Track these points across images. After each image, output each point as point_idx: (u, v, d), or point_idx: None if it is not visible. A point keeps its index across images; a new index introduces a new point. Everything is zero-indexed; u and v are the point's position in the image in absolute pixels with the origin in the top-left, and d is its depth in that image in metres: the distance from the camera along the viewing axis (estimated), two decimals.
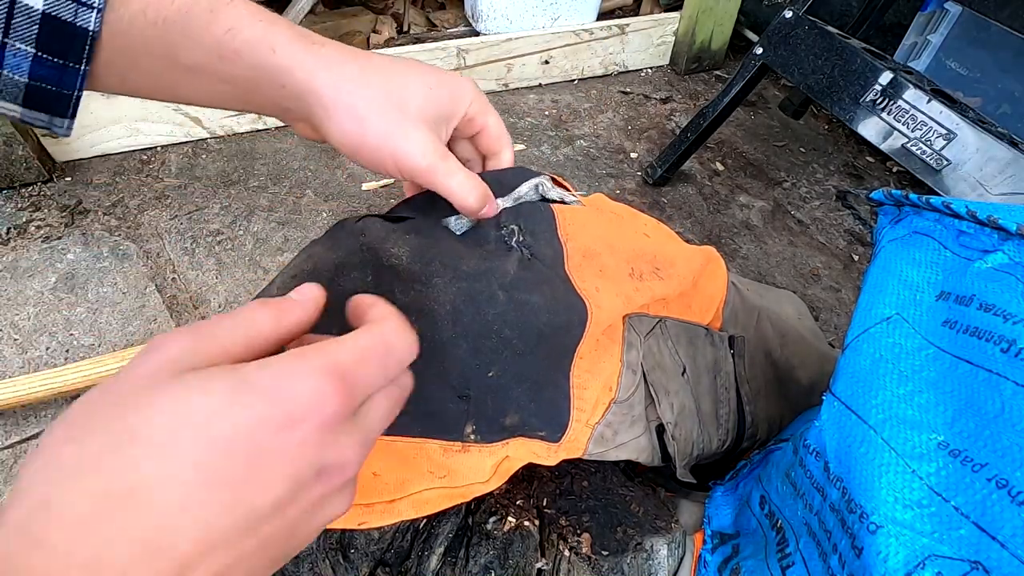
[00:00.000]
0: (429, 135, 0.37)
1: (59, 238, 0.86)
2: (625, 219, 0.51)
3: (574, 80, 1.31)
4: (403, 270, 0.39)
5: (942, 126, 0.66)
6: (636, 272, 0.47)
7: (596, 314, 0.42)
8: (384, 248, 0.39)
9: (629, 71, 1.35)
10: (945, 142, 0.66)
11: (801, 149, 1.18)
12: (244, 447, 0.19)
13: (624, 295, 0.45)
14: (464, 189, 0.38)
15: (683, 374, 0.48)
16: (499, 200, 0.43)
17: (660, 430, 0.45)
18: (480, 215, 0.41)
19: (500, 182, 0.44)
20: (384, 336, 0.25)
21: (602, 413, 0.43)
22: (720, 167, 1.12)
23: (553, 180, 0.47)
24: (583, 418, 0.42)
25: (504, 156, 0.46)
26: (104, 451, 0.18)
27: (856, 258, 0.97)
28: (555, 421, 0.41)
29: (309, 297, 0.26)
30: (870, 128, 0.73)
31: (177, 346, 0.20)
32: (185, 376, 0.20)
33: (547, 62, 1.25)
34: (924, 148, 0.68)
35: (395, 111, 0.36)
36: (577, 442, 0.42)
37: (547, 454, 0.41)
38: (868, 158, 1.17)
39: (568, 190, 0.48)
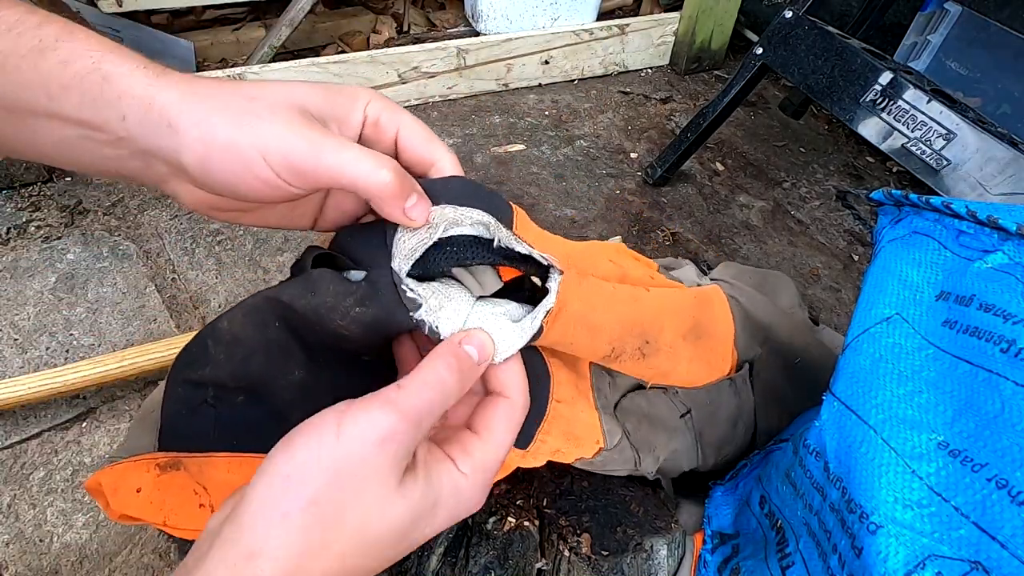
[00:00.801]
0: (301, 117, 0.28)
1: (59, 238, 0.86)
2: (606, 284, 0.41)
3: (574, 80, 1.31)
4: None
5: (942, 126, 0.66)
6: (614, 353, 0.41)
7: (556, 384, 0.39)
8: (331, 319, 0.30)
9: (629, 71, 1.35)
10: (945, 142, 0.66)
11: (801, 149, 1.18)
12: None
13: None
14: (366, 164, 0.28)
15: (683, 416, 0.47)
16: (435, 210, 0.31)
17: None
18: (406, 212, 0.29)
19: (438, 196, 0.32)
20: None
21: (592, 455, 0.43)
22: (720, 167, 1.12)
23: (512, 229, 0.34)
24: (548, 441, 0.41)
25: (441, 163, 0.33)
26: (345, 553, 0.24)
27: (856, 258, 0.97)
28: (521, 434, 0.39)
29: (486, 356, 0.30)
30: (870, 128, 0.73)
31: (405, 445, 0.25)
32: (406, 493, 0.26)
33: (547, 62, 1.25)
34: (924, 148, 0.68)
35: (256, 105, 0.28)
36: (541, 455, 0.42)
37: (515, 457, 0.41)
38: (868, 158, 1.17)
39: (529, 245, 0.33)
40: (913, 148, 0.69)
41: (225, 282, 0.83)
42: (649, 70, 1.37)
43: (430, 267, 0.32)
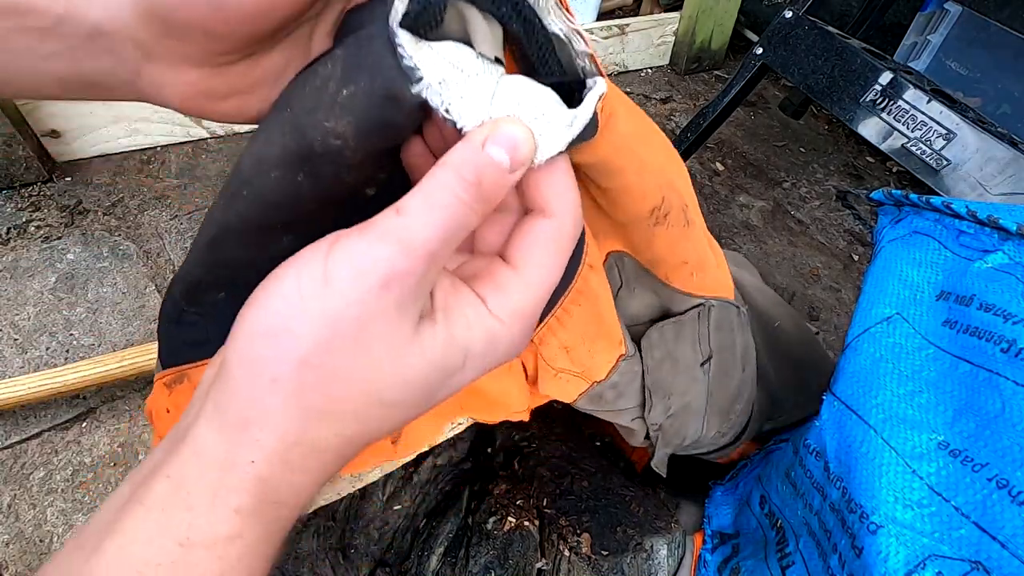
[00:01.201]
0: None
1: (59, 238, 0.86)
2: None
3: None
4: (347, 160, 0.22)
5: (942, 126, 0.66)
6: (664, 208, 0.33)
7: (590, 243, 0.32)
8: (315, 122, 0.21)
9: (629, 71, 1.35)
10: (945, 142, 0.66)
11: (801, 149, 1.18)
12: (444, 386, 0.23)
13: (621, 240, 0.35)
14: None
15: (704, 364, 0.42)
16: None
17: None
18: None
19: None
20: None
21: (607, 372, 0.37)
22: (720, 167, 1.12)
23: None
24: (548, 358, 0.35)
25: None
26: (358, 413, 0.21)
27: (856, 258, 0.97)
28: None
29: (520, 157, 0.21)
30: (870, 128, 0.73)
31: (413, 286, 0.20)
32: (423, 343, 0.21)
33: None
34: (924, 148, 0.68)
35: None
36: (544, 384, 0.36)
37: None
38: (868, 158, 1.17)
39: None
40: (913, 148, 0.69)
41: None
42: (649, 70, 1.37)
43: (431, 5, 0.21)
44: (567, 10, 0.24)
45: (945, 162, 0.66)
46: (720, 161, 1.13)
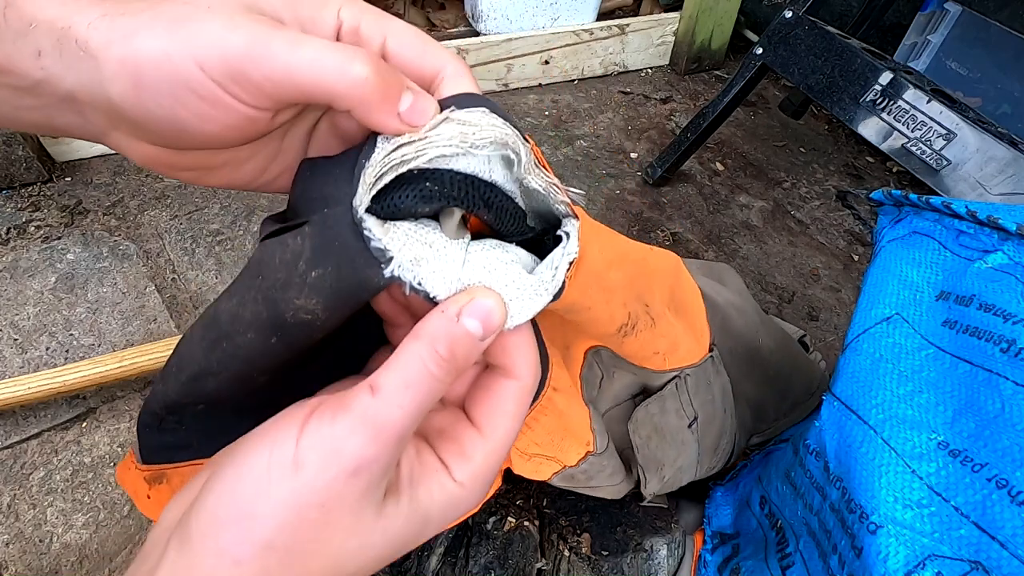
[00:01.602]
0: (247, 12, 0.22)
1: (59, 238, 0.86)
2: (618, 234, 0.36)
3: (574, 80, 1.31)
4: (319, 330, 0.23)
5: (942, 126, 0.66)
6: (631, 322, 0.35)
7: (555, 367, 0.34)
8: (286, 298, 0.22)
9: (629, 71, 1.35)
10: (945, 142, 0.66)
11: (801, 149, 1.18)
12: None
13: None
14: (330, 58, 0.21)
15: (691, 425, 0.45)
16: (445, 116, 0.23)
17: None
18: (403, 118, 0.22)
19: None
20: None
21: (577, 460, 0.39)
22: (720, 167, 1.12)
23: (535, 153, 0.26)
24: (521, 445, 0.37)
25: (447, 73, 0.25)
26: None
27: (856, 258, 0.97)
28: None
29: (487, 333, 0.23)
30: (870, 128, 0.73)
31: (383, 468, 0.21)
32: (387, 523, 0.22)
33: (547, 62, 1.25)
34: (924, 148, 0.68)
35: (190, 8, 0.21)
36: (517, 466, 0.38)
37: None
38: (868, 158, 1.17)
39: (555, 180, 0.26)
40: (913, 148, 0.69)
41: (225, 282, 0.83)
42: (649, 70, 1.37)
43: (397, 205, 0.22)
44: (545, 166, 0.25)
45: (945, 162, 0.66)
46: (720, 161, 1.13)
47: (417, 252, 0.22)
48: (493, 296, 0.22)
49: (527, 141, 0.25)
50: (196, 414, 0.28)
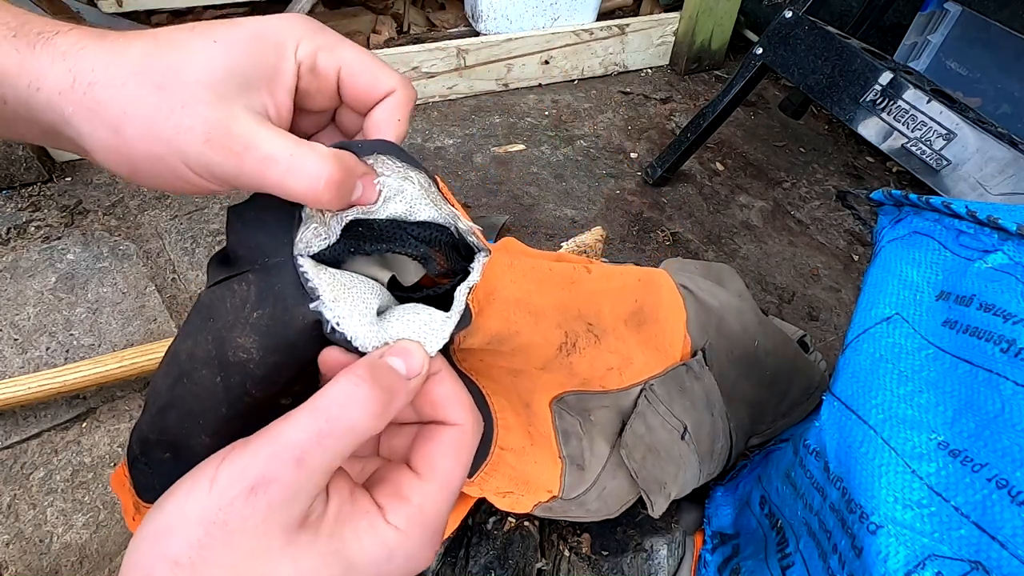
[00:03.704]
0: (220, 107, 0.24)
1: (59, 238, 0.86)
2: (542, 261, 0.38)
3: (574, 80, 1.31)
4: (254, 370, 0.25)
5: (942, 126, 0.66)
6: (569, 340, 0.36)
7: (503, 430, 0.36)
8: (230, 337, 0.25)
9: (629, 71, 1.35)
10: (945, 142, 0.66)
11: (801, 149, 1.18)
12: None
13: (552, 384, 0.39)
14: (298, 180, 0.24)
15: (683, 436, 0.45)
16: (380, 179, 0.26)
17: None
18: (358, 203, 0.26)
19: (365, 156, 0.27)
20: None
21: (548, 498, 0.41)
22: (720, 167, 1.12)
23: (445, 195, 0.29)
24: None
25: (391, 93, 0.28)
26: None
27: (856, 258, 0.97)
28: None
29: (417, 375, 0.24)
30: (870, 128, 0.73)
31: (285, 493, 0.21)
32: (297, 554, 0.21)
33: (547, 62, 1.25)
34: (924, 148, 0.68)
35: (167, 99, 0.23)
36: (497, 503, 0.40)
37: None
38: (868, 158, 1.17)
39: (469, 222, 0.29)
40: (913, 148, 0.69)
41: None
42: (649, 70, 1.37)
43: (332, 254, 0.26)
44: (452, 203, 0.29)
45: (945, 162, 0.66)
46: (720, 161, 1.13)
47: (338, 293, 0.25)
48: (412, 342, 0.25)
49: (434, 178, 0.28)
50: (162, 461, 0.29)
